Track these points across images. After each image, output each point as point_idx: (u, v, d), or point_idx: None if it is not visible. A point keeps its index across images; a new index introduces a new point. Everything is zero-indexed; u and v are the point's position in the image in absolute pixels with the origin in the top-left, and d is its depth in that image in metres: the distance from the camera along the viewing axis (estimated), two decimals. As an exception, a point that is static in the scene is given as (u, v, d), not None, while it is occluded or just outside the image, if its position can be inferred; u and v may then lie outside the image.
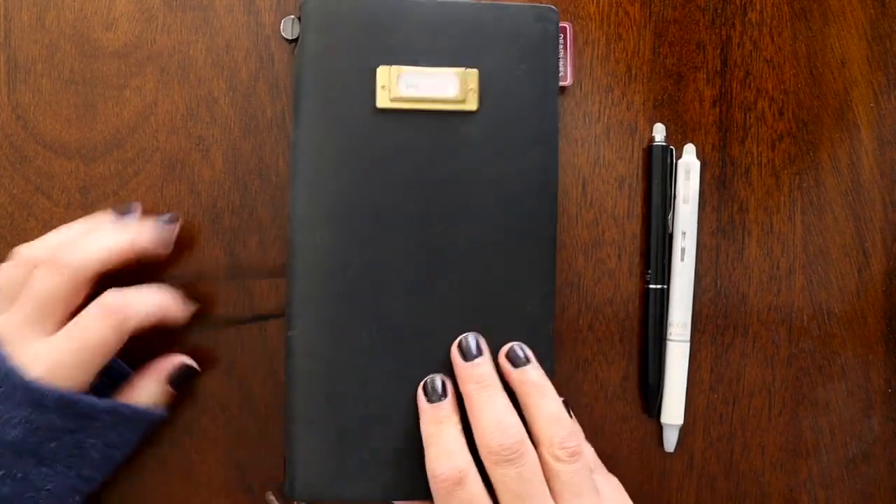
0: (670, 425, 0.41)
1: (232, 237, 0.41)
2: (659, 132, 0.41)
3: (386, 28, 0.36)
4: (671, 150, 0.41)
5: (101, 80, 0.41)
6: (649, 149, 0.42)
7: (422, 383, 0.35)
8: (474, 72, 0.36)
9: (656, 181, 0.41)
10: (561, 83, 0.40)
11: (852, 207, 0.43)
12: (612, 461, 0.42)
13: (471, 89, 0.36)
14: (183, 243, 0.41)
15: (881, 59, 0.43)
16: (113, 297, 0.35)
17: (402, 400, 0.36)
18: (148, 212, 0.41)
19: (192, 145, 0.41)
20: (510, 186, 0.36)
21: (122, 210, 0.39)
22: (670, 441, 0.42)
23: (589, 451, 0.38)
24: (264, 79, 0.41)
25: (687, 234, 0.41)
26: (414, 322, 0.36)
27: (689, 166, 0.41)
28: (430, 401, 0.35)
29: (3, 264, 0.37)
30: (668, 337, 0.41)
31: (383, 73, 0.36)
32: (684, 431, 0.42)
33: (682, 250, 0.41)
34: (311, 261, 0.36)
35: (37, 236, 0.41)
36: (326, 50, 0.36)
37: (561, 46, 0.40)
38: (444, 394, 0.35)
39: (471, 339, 0.35)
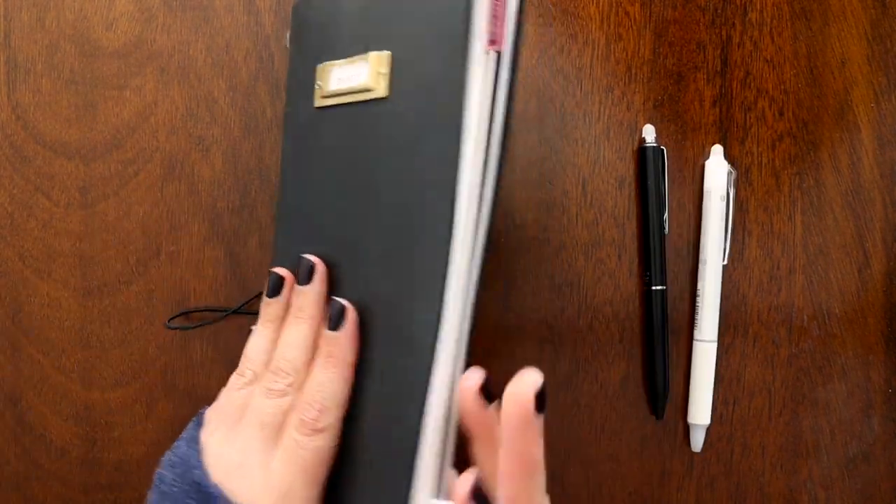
0: (697, 425, 0.41)
1: (232, 237, 0.41)
2: (649, 133, 0.41)
3: (326, 25, 0.35)
4: (662, 150, 0.41)
5: (101, 80, 0.41)
6: (641, 150, 0.42)
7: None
8: (385, 54, 0.31)
9: (650, 182, 0.41)
10: (492, 48, 0.29)
11: (852, 207, 0.43)
12: (612, 461, 0.42)
13: (381, 74, 0.31)
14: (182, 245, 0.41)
15: (881, 59, 0.43)
16: (304, 408, 0.32)
17: None
18: (148, 214, 0.41)
19: (192, 145, 0.41)
20: (411, 183, 0.30)
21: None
22: (697, 441, 0.41)
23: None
24: (264, 79, 0.41)
25: (716, 237, 0.41)
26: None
27: (718, 167, 0.41)
28: None
29: (224, 389, 0.35)
30: (696, 338, 0.41)
31: (320, 72, 0.35)
32: (684, 432, 0.42)
33: (723, 251, 0.41)
34: (277, 262, 0.35)
35: (37, 236, 0.41)
36: (294, 56, 0.36)
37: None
38: None
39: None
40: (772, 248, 0.42)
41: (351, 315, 0.32)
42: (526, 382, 0.26)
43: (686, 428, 0.42)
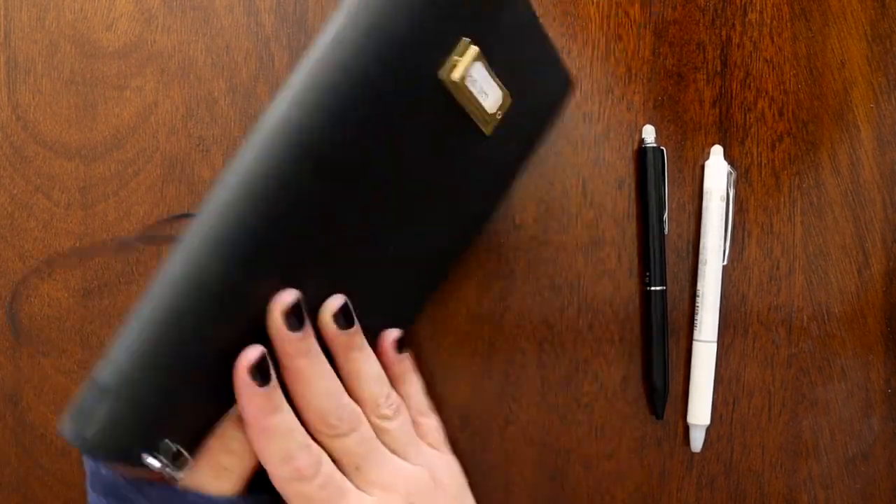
0: (697, 425, 0.41)
1: (232, 237, 0.41)
2: (649, 134, 0.41)
3: (493, 14, 0.32)
4: (662, 150, 0.41)
5: (101, 80, 0.41)
6: (641, 151, 0.42)
7: (247, 362, 0.29)
8: (509, 101, 0.35)
9: (650, 183, 0.41)
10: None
11: (852, 208, 0.43)
12: (612, 461, 0.42)
13: (497, 116, 0.35)
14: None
15: (881, 60, 0.43)
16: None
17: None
18: (148, 214, 0.41)
19: (192, 145, 0.41)
20: (456, 209, 0.36)
21: None
22: (697, 441, 0.42)
23: (431, 423, 0.38)
24: (264, 79, 0.41)
25: (716, 237, 0.41)
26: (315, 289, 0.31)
27: (718, 167, 0.41)
28: (260, 384, 0.30)
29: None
30: (696, 338, 0.41)
31: (464, 48, 0.31)
32: (684, 432, 0.42)
33: (722, 251, 0.41)
34: (254, 180, 0.28)
35: (37, 236, 0.41)
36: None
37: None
38: (270, 377, 0.30)
39: (297, 307, 0.30)
40: (771, 249, 0.42)
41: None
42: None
43: (686, 428, 0.42)
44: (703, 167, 0.42)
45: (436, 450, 0.37)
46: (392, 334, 0.37)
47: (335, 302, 0.32)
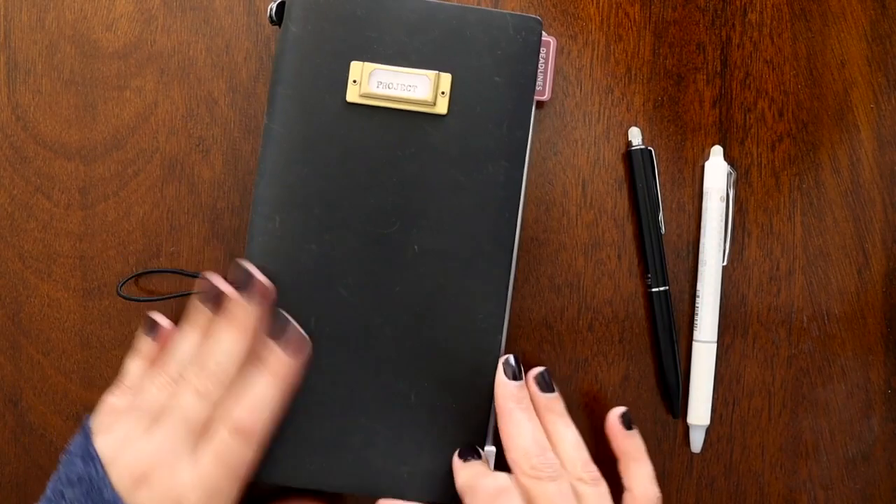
0: (697, 426, 0.41)
1: (232, 238, 0.41)
2: (635, 136, 0.41)
3: (365, 23, 0.36)
4: (650, 151, 0.41)
5: (101, 80, 0.41)
6: (628, 153, 0.42)
7: (503, 361, 0.36)
8: (447, 76, 0.36)
9: (640, 185, 0.41)
10: (538, 97, 0.40)
11: (852, 208, 0.43)
12: (612, 461, 0.42)
13: (442, 93, 0.36)
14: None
15: (881, 60, 0.43)
16: (244, 416, 0.33)
17: (336, 391, 0.36)
18: (148, 214, 0.41)
19: (192, 146, 0.41)
20: (471, 196, 0.36)
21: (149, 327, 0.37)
22: (696, 441, 0.41)
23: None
24: (264, 79, 0.41)
25: (715, 238, 0.41)
26: (359, 318, 0.36)
27: (718, 167, 0.41)
28: (513, 378, 0.36)
29: (145, 384, 0.35)
30: (696, 338, 0.41)
31: (356, 69, 0.36)
32: (684, 432, 0.42)
33: (722, 252, 0.41)
34: (267, 246, 0.36)
35: (37, 237, 0.41)
36: (305, 39, 0.36)
37: (542, 60, 0.40)
38: (520, 377, 0.37)
39: (515, 361, 0.36)
40: (771, 249, 0.42)
41: (297, 334, 0.35)
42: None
43: (686, 428, 0.42)
44: (703, 167, 0.42)
45: None
46: (617, 411, 0.39)
47: (536, 369, 0.37)
